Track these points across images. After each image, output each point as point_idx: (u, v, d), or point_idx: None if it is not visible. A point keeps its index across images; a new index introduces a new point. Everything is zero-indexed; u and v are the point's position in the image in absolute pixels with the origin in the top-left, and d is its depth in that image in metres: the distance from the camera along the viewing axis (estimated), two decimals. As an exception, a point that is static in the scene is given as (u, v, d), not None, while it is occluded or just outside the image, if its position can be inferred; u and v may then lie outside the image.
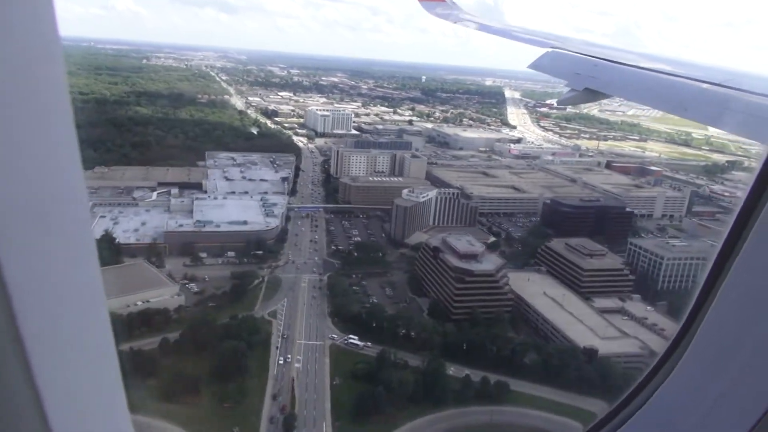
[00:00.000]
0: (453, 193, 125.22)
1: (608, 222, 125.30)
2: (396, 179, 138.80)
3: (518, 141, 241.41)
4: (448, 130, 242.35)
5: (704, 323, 2.95)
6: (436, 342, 73.19)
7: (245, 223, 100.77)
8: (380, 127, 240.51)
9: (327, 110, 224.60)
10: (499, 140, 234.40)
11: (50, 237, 1.73)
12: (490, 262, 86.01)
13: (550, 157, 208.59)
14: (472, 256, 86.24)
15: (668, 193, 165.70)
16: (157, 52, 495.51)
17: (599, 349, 73.77)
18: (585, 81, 9.05)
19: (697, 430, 2.97)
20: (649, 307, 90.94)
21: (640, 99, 9.02)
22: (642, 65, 8.97)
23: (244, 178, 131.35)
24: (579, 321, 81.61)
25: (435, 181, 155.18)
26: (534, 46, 11.27)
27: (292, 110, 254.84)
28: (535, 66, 10.49)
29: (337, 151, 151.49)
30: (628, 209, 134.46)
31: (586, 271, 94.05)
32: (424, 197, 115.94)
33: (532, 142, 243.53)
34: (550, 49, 10.61)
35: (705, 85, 6.76)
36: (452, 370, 70.04)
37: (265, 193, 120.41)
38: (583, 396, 67.09)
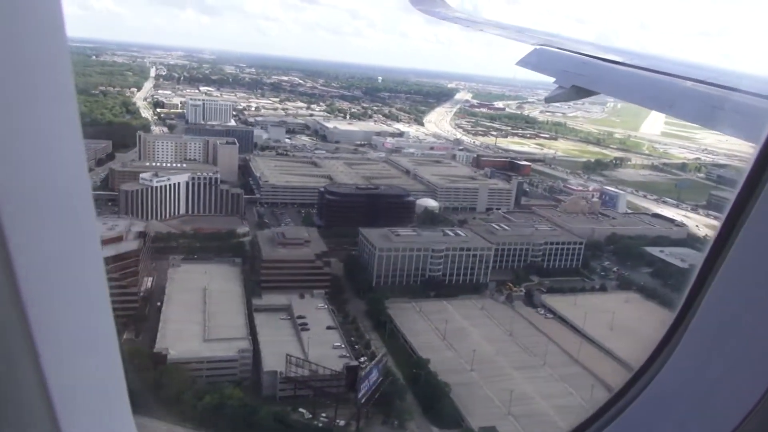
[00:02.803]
0: (210, 179, 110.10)
1: (383, 210, 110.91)
2: (179, 165, 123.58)
3: (401, 135, 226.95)
4: (329, 123, 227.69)
5: (698, 313, 2.84)
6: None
7: None
8: (260, 118, 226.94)
9: (200, 100, 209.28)
10: (378, 134, 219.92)
11: (58, 233, 1.65)
12: (111, 250, 70.79)
13: (412, 150, 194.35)
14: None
15: (498, 185, 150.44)
16: (120, 50, 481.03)
17: (180, 354, 59.19)
18: (573, 78, 8.57)
19: (692, 418, 2.90)
20: (321, 304, 76.26)
21: (627, 97, 8.48)
22: (630, 63, 8.22)
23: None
24: (200, 323, 66.87)
25: (244, 170, 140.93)
26: (522, 42, 10.56)
27: (182, 102, 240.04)
28: (522, 63, 9.77)
29: (140, 137, 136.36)
30: (410, 198, 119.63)
31: (265, 263, 79.27)
32: (160, 182, 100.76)
33: (417, 137, 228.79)
34: (537, 46, 9.99)
35: (689, 83, 6.49)
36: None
37: None
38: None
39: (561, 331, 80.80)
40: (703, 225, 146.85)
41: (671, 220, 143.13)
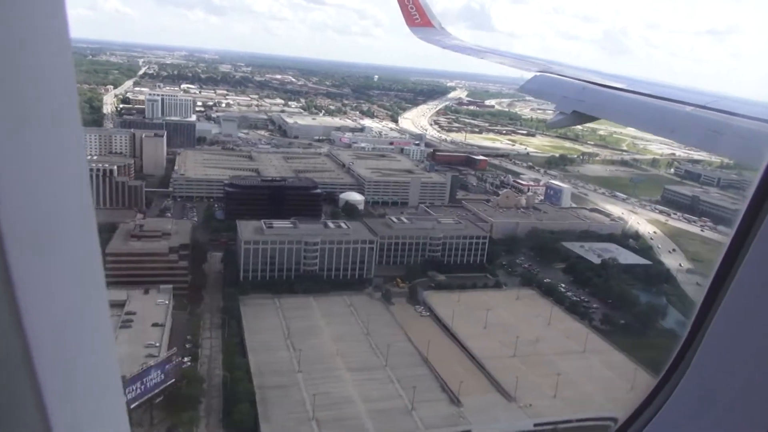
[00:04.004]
0: (105, 170, 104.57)
1: (288, 203, 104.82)
2: (104, 158, 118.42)
3: (361, 130, 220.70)
4: (290, 119, 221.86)
5: (711, 328, 2.77)
6: None
7: None
8: (220, 114, 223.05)
9: (158, 96, 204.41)
10: (338, 129, 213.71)
11: (58, 240, 1.60)
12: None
13: (363, 145, 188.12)
14: None
15: (432, 179, 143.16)
16: (123, 50, 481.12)
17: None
18: (573, 104, 8.65)
19: (719, 425, 2.81)
20: (161, 300, 70.12)
21: (626, 121, 8.78)
22: (629, 89, 8.18)
23: None
24: None
25: (170, 162, 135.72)
26: (523, 70, 10.77)
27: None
28: (524, 89, 10.10)
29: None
30: (318, 191, 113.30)
31: (110, 256, 73.41)
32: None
33: (379, 132, 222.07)
34: (538, 73, 10.07)
35: (689, 108, 6.56)
36: None
37: None
38: None
39: (429, 330, 73.95)
40: (644, 220, 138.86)
41: (608, 215, 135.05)
